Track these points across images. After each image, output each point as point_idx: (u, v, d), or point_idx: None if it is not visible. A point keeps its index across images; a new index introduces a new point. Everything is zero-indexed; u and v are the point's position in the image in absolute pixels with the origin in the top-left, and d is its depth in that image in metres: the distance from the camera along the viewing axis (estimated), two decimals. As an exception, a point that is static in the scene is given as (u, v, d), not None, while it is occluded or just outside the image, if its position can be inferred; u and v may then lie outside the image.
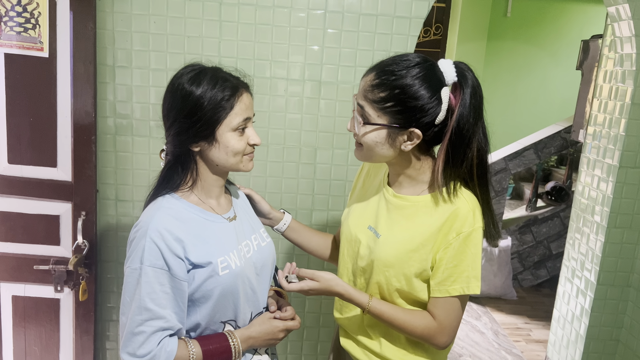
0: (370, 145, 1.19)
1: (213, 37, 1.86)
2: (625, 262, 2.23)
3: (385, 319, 1.22)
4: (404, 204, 1.25)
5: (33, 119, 1.79)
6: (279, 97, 1.93)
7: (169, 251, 1.09)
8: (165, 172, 1.19)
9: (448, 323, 1.21)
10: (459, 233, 1.17)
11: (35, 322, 1.94)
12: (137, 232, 1.12)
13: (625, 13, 2.02)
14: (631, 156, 2.12)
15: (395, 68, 1.15)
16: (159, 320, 1.09)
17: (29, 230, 1.86)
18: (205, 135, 1.13)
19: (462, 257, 1.17)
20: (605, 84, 2.29)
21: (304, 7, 1.86)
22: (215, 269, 1.14)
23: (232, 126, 1.14)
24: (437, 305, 1.21)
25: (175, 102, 1.13)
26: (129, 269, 1.11)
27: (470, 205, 1.18)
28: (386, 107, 1.15)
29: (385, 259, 1.23)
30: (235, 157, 1.17)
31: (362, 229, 1.32)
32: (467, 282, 1.18)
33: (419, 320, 1.22)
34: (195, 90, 1.11)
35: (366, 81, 1.18)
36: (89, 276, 1.86)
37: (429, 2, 1.88)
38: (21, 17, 1.71)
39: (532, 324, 3.73)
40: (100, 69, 1.85)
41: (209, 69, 1.16)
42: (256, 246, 1.28)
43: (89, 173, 1.83)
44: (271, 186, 2.00)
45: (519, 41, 5.34)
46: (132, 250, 1.11)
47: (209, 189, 1.21)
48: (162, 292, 1.09)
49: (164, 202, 1.16)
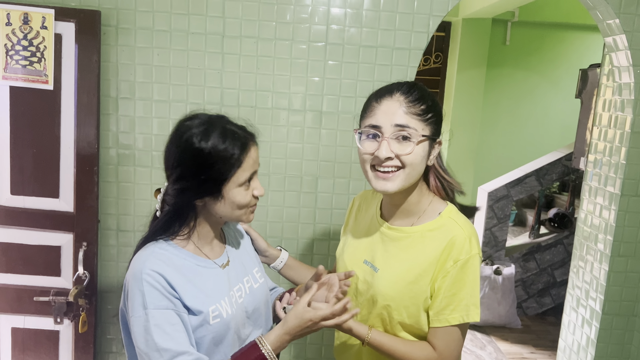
0: (416, 163, 1.18)
1: (215, 69, 1.89)
2: (630, 291, 2.21)
3: (385, 350, 1.21)
4: (400, 235, 1.25)
5: (36, 150, 1.80)
6: (280, 127, 1.94)
7: (166, 291, 1.08)
8: (164, 221, 1.16)
9: (448, 353, 1.19)
10: (457, 261, 1.17)
11: (34, 355, 1.92)
12: (131, 280, 1.10)
13: (622, 43, 2.05)
14: (633, 184, 2.12)
15: (419, 86, 1.22)
16: (183, 356, 1.06)
17: (29, 261, 1.86)
18: (212, 192, 1.12)
19: (460, 285, 1.17)
20: (604, 112, 2.30)
21: (305, 40, 1.89)
22: (207, 317, 1.13)
23: (239, 182, 1.13)
24: (436, 335, 1.20)
25: (183, 157, 1.11)
26: (134, 317, 1.07)
27: (467, 233, 1.19)
28: (428, 118, 1.18)
29: (385, 293, 1.22)
30: (240, 211, 1.17)
31: (358, 263, 1.31)
32: (466, 310, 1.17)
33: (418, 351, 1.20)
34: (205, 146, 1.09)
35: (399, 101, 1.17)
36: (89, 307, 1.85)
37: (427, 34, 1.91)
38: (27, 51, 1.74)
39: (537, 353, 3.67)
40: (104, 101, 1.87)
41: (216, 122, 1.13)
42: (248, 289, 1.26)
43: (91, 203, 1.83)
44: (272, 215, 2.00)
45: (518, 69, 5.39)
46: (132, 298, 1.08)
47: (205, 235, 1.20)
48: (174, 331, 1.06)
49: (156, 247, 1.13)
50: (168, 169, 1.15)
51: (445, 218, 1.22)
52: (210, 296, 1.15)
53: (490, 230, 4.16)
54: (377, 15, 1.89)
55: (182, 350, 1.06)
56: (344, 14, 1.89)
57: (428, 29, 1.90)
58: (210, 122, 1.13)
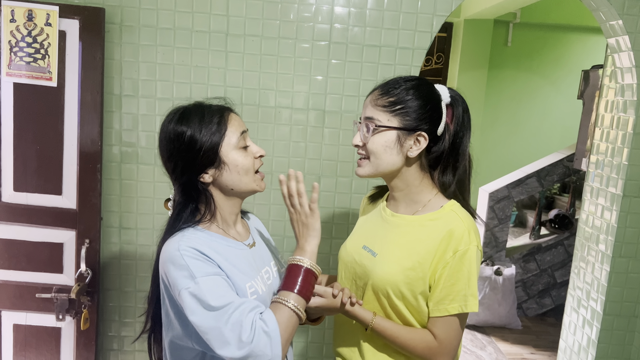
0: (379, 152, 1.24)
1: (219, 67, 1.89)
2: (632, 292, 2.21)
3: (387, 336, 1.24)
4: (400, 222, 1.29)
5: (40, 147, 1.81)
6: (283, 126, 1.95)
7: (208, 260, 1.10)
8: (178, 211, 1.18)
9: (448, 342, 1.23)
10: (456, 251, 1.20)
11: (35, 351, 1.92)
12: (169, 262, 1.10)
13: (625, 44, 2.05)
14: (635, 185, 2.12)
15: (398, 80, 1.26)
16: (243, 305, 1.06)
17: (32, 258, 1.86)
18: (211, 160, 1.15)
19: (458, 276, 1.20)
20: (607, 113, 2.31)
21: (308, 39, 1.90)
22: (245, 294, 1.14)
23: (233, 143, 1.17)
24: (436, 324, 1.23)
25: (172, 144, 1.16)
26: (184, 291, 1.06)
27: (466, 225, 1.22)
28: (395, 109, 1.22)
29: (382, 277, 1.25)
30: (248, 176, 1.19)
31: (357, 249, 1.35)
32: (464, 300, 1.20)
33: (420, 338, 1.23)
34: (186, 127, 1.14)
35: (372, 95, 1.27)
36: (91, 305, 1.85)
37: (431, 34, 1.91)
38: (31, 48, 1.74)
39: (537, 354, 3.67)
40: (107, 98, 1.87)
41: (190, 106, 1.20)
42: (275, 272, 1.30)
43: (93, 201, 1.83)
44: (275, 214, 2.00)
45: (520, 70, 5.40)
46: (176, 276, 1.08)
47: (227, 217, 1.23)
48: (228, 289, 1.08)
49: (185, 232, 1.15)
50: (166, 163, 1.20)
51: (447, 210, 1.26)
52: (246, 273, 1.17)
53: (491, 231, 4.16)
54: (380, 14, 1.89)
55: (241, 301, 1.07)
56: (347, 13, 1.89)
57: (432, 29, 1.91)
58: (184, 108, 1.19)
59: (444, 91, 1.27)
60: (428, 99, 1.24)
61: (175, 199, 1.21)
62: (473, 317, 3.95)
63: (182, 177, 1.17)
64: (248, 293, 1.14)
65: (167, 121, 1.18)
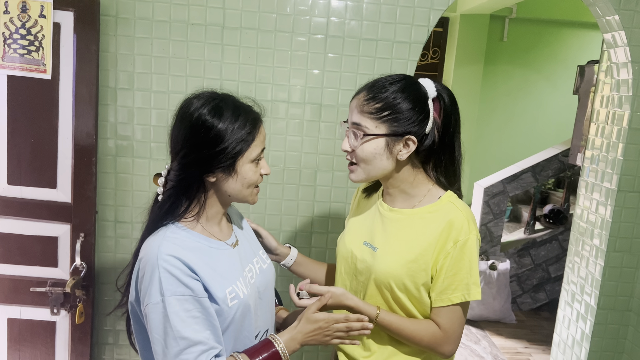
0: (368, 159, 1.24)
1: (215, 60, 1.88)
2: (625, 286, 2.22)
3: (393, 329, 1.25)
4: (399, 217, 1.29)
5: (34, 140, 1.79)
6: (279, 120, 1.94)
7: (185, 275, 1.06)
8: (171, 202, 1.14)
9: (453, 331, 1.24)
10: (456, 242, 1.21)
11: (30, 345, 1.91)
12: (145, 266, 1.07)
13: (621, 40, 2.05)
14: (629, 180, 2.13)
15: (384, 83, 1.24)
16: (198, 345, 1.05)
17: (26, 251, 1.85)
18: (226, 166, 1.12)
19: (460, 265, 1.21)
20: (602, 108, 2.31)
21: (305, 32, 1.89)
22: (225, 300, 1.12)
23: (252, 158, 1.15)
24: (440, 314, 1.24)
25: (194, 133, 1.10)
26: (150, 304, 1.05)
27: (465, 215, 1.24)
28: (383, 116, 1.21)
29: (384, 271, 1.26)
30: (249, 189, 1.18)
31: (357, 245, 1.35)
32: (467, 289, 1.22)
33: (425, 329, 1.25)
34: (218, 123, 1.09)
35: (358, 99, 1.25)
36: (86, 299, 1.85)
37: (428, 28, 1.91)
38: (25, 40, 1.73)
39: (531, 348, 3.69)
40: (102, 91, 1.86)
41: (227, 100, 1.14)
42: (258, 270, 1.28)
43: (88, 194, 1.82)
44: (271, 208, 2.00)
45: (516, 65, 5.40)
46: (147, 285, 1.06)
47: (213, 216, 1.20)
48: (191, 318, 1.06)
49: (168, 231, 1.12)
50: (176, 146, 1.14)
51: (444, 201, 1.27)
52: (226, 278, 1.15)
53: (486, 225, 4.18)
54: (377, 8, 1.88)
55: (198, 340, 1.05)
56: (344, 7, 1.88)
57: (428, 23, 1.90)
58: (220, 98, 1.14)
59: (430, 86, 1.26)
60: (415, 102, 1.22)
61: (167, 179, 1.16)
62: (468, 311, 3.96)
63: (187, 168, 1.12)
64: (228, 299, 1.13)
65: (199, 104, 1.12)
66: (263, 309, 1.27)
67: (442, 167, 1.29)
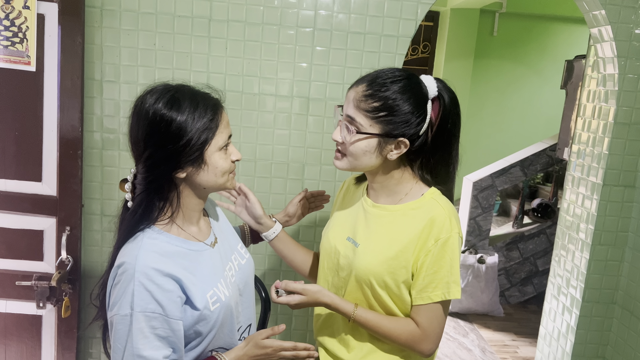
0: (357, 155, 1.22)
1: (202, 53, 1.87)
2: (610, 279, 2.25)
3: (370, 326, 1.24)
4: (382, 213, 1.28)
5: (18, 133, 1.77)
6: (267, 113, 1.93)
7: (160, 291, 1.04)
8: (145, 207, 1.09)
9: (432, 330, 1.23)
10: (437, 239, 1.20)
11: (16, 339, 1.90)
12: (122, 275, 1.04)
13: (607, 34, 2.06)
14: (615, 174, 2.15)
15: (387, 80, 1.19)
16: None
17: (11, 245, 1.84)
18: (194, 159, 1.07)
19: (441, 263, 1.20)
20: (588, 103, 2.33)
21: (292, 25, 1.88)
22: (207, 305, 1.11)
23: (219, 145, 1.11)
24: (419, 312, 1.23)
25: (155, 131, 1.05)
26: (118, 315, 1.03)
27: (447, 212, 1.23)
28: (379, 116, 1.18)
29: (364, 267, 1.25)
30: (224, 177, 1.14)
31: (341, 240, 1.33)
32: (447, 288, 1.20)
33: (402, 327, 1.23)
34: (177, 115, 1.04)
35: (357, 92, 1.20)
36: (72, 292, 1.84)
37: (416, 22, 1.91)
38: (9, 31, 1.71)
39: (519, 340, 3.73)
40: (88, 84, 1.84)
41: (182, 90, 1.09)
42: (237, 266, 1.27)
43: (74, 187, 1.81)
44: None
45: (505, 60, 5.43)
46: (120, 295, 1.04)
47: (190, 215, 1.16)
48: (155, 336, 1.04)
49: (145, 237, 1.08)
50: (138, 148, 1.08)
51: (427, 198, 1.25)
52: (207, 282, 1.13)
53: (475, 219, 4.20)
54: (365, 1, 1.88)
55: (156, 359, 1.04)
56: (332, 0, 1.88)
57: (416, 17, 1.90)
58: (175, 89, 1.09)
59: (432, 85, 1.23)
60: (414, 105, 1.19)
61: (135, 183, 1.11)
62: (456, 305, 3.99)
63: (154, 168, 1.07)
64: (210, 303, 1.11)
65: (153, 99, 1.06)
66: (244, 305, 1.27)
67: (429, 167, 1.27)
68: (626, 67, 2.06)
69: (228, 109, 1.90)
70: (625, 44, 2.04)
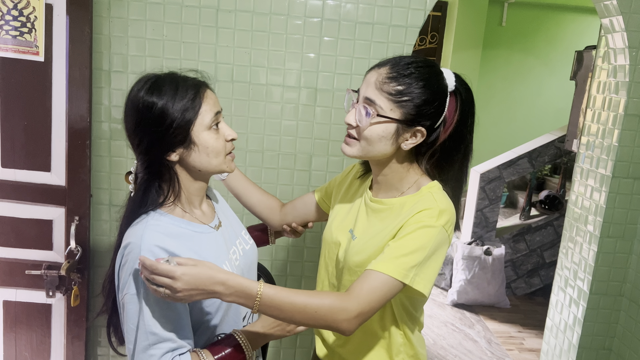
0: (373, 140, 1.17)
1: (209, 44, 1.86)
2: (618, 271, 2.24)
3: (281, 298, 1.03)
4: (381, 207, 1.25)
5: (27, 123, 1.78)
6: (274, 104, 1.93)
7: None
8: (143, 191, 1.12)
9: (363, 296, 1.06)
10: (419, 222, 1.13)
11: (26, 328, 1.92)
12: (129, 255, 1.06)
13: (619, 25, 2.04)
14: (624, 166, 2.13)
15: (411, 65, 1.16)
16: (167, 342, 1.05)
17: (21, 234, 1.85)
18: (181, 139, 1.08)
19: (414, 243, 1.11)
20: (598, 94, 2.31)
21: (300, 15, 1.87)
22: None
23: (206, 124, 1.10)
24: (361, 276, 1.10)
25: (140, 116, 1.08)
26: (128, 295, 1.05)
27: (439, 206, 1.16)
28: (402, 100, 1.14)
29: (355, 259, 1.23)
30: (218, 158, 1.13)
31: (343, 232, 1.31)
32: (409, 272, 1.08)
33: (325, 296, 1.08)
34: (158, 99, 1.07)
35: (380, 73, 1.16)
36: (81, 281, 1.85)
37: (424, 12, 1.89)
38: (17, 21, 1.71)
39: (525, 332, 3.73)
40: (96, 74, 1.84)
41: (164, 76, 1.12)
42: (242, 251, 1.27)
43: (83, 177, 1.82)
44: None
45: (514, 50, 5.38)
46: (128, 274, 1.05)
47: (192, 198, 1.17)
48: (164, 315, 1.05)
49: (149, 219, 1.10)
50: (130, 136, 1.12)
51: (424, 192, 1.20)
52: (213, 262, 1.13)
53: (482, 211, 4.19)
54: (374, -9, 1.87)
55: (167, 337, 1.05)
56: (340, -10, 1.86)
57: (425, 7, 1.89)
58: (157, 76, 1.11)
59: (450, 78, 1.19)
60: (437, 94, 1.16)
61: (137, 173, 1.14)
62: (462, 296, 4.00)
63: (147, 153, 1.09)
64: None
65: (137, 89, 1.09)
66: None
67: (438, 163, 1.23)
68: (637, 58, 2.04)
69: (235, 100, 1.91)
70: (636, 35, 2.02)
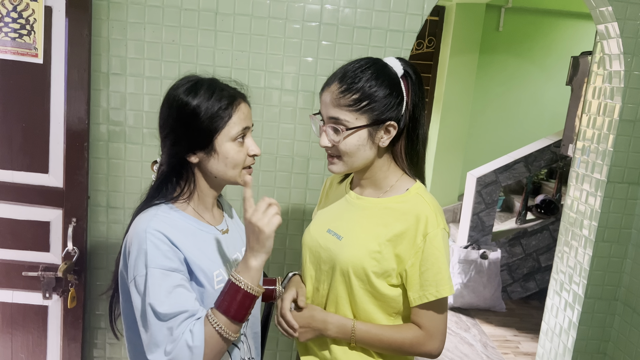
0: (352, 152, 1.21)
1: (208, 47, 1.87)
2: (613, 275, 2.26)
3: (371, 337, 1.24)
4: (366, 205, 1.28)
5: (26, 124, 1.79)
6: (272, 107, 1.94)
7: (171, 251, 1.08)
8: (159, 182, 1.17)
9: (435, 328, 1.23)
10: (426, 235, 1.19)
11: (22, 329, 1.92)
12: (134, 239, 1.09)
13: (614, 31, 2.06)
14: (619, 171, 2.15)
15: (356, 71, 1.20)
16: (181, 315, 1.05)
17: (18, 236, 1.85)
18: (204, 144, 1.12)
19: (432, 260, 1.19)
20: (594, 100, 2.33)
21: (299, 19, 1.88)
22: (211, 282, 1.13)
23: (231, 136, 1.13)
24: (419, 313, 1.23)
25: (171, 112, 1.13)
26: (138, 277, 1.07)
27: (432, 208, 1.22)
28: (362, 107, 1.18)
29: (349, 260, 1.24)
30: (235, 170, 1.16)
31: (322, 233, 1.32)
32: (438, 286, 1.20)
33: (405, 331, 1.24)
34: (192, 100, 1.11)
35: (332, 92, 1.20)
36: (78, 283, 1.85)
37: (422, 17, 1.90)
38: (16, 23, 1.71)
39: (520, 336, 3.74)
40: (95, 76, 1.85)
41: (205, 80, 1.16)
42: None
43: (80, 179, 1.82)
44: (263, 195, 2.00)
45: (511, 55, 5.40)
46: (134, 258, 1.07)
47: (204, 200, 1.21)
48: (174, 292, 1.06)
49: (159, 210, 1.13)
50: (160, 128, 1.17)
51: (412, 194, 1.24)
52: (213, 261, 1.16)
53: (478, 215, 4.20)
54: (371, -4, 1.88)
55: (180, 310, 1.05)
56: (338, -6, 1.87)
57: (422, 12, 1.90)
58: (199, 79, 1.16)
59: (397, 64, 1.23)
60: (391, 86, 1.20)
61: (160, 164, 1.18)
62: (458, 300, 4.01)
63: (170, 149, 1.14)
64: (215, 281, 1.14)
65: (176, 85, 1.15)
66: None
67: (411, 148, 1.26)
68: (632, 64, 2.06)
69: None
70: (631, 41, 2.04)
